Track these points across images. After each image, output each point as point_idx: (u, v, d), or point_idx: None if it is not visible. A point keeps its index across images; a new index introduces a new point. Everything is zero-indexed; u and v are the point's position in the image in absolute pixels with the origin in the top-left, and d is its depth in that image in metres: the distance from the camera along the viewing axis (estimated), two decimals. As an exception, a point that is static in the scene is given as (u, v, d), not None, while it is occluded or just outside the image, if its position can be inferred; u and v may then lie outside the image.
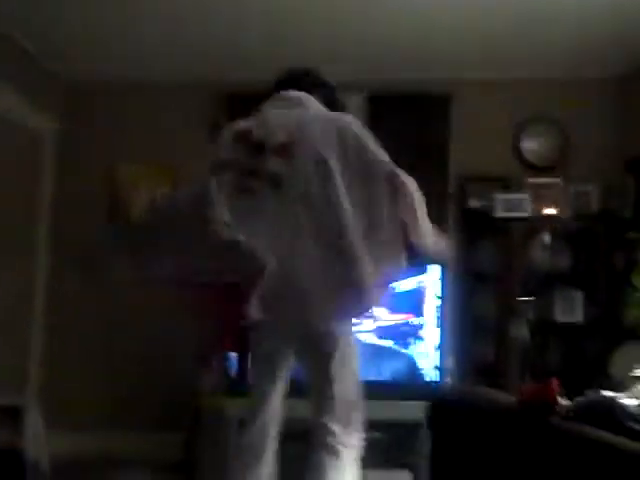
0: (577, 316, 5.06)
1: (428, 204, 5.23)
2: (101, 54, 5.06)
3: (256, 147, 2.70)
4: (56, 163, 5.51)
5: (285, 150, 2.63)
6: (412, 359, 4.77)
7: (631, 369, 3.67)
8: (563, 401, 2.37)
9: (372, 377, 4.58)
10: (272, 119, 2.76)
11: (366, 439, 4.35)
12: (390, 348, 4.78)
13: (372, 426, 4.45)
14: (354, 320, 2.97)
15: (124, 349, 5.29)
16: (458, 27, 4.57)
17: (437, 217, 5.16)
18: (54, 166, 5.50)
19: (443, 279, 4.80)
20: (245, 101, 5.26)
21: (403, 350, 4.77)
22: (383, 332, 4.76)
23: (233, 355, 4.62)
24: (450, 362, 4.97)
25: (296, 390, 2.99)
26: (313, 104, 2.86)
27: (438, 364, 4.75)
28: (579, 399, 2.30)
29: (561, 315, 5.09)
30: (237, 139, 2.78)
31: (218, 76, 5.29)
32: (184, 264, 2.58)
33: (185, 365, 4.98)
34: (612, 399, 2.23)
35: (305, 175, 2.56)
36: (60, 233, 5.38)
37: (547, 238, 5.16)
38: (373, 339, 4.76)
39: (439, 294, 4.74)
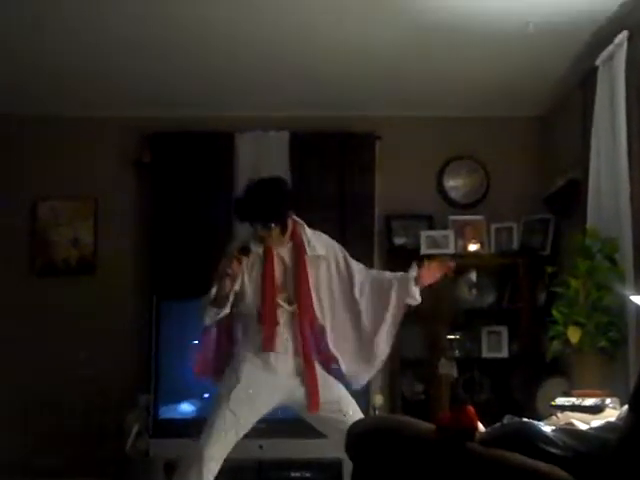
0: (502, 351, 5.14)
1: (354, 241, 5.33)
2: (22, 88, 5.00)
3: None
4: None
5: None
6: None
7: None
8: (481, 428, 2.40)
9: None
10: None
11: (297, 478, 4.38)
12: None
13: (303, 466, 4.47)
14: None
15: (44, 393, 5.13)
16: (383, 66, 4.67)
17: (363, 254, 5.29)
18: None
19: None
20: (167, 139, 5.35)
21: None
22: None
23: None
24: (379, 399, 4.99)
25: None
26: None
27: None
28: (495, 425, 2.33)
29: (487, 351, 5.17)
30: None
31: (140, 113, 5.31)
32: None
33: (110, 408, 4.91)
34: (526, 423, 2.27)
35: None
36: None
37: (472, 275, 5.25)
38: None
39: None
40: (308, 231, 3.60)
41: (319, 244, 3.60)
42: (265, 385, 3.45)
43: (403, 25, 4.12)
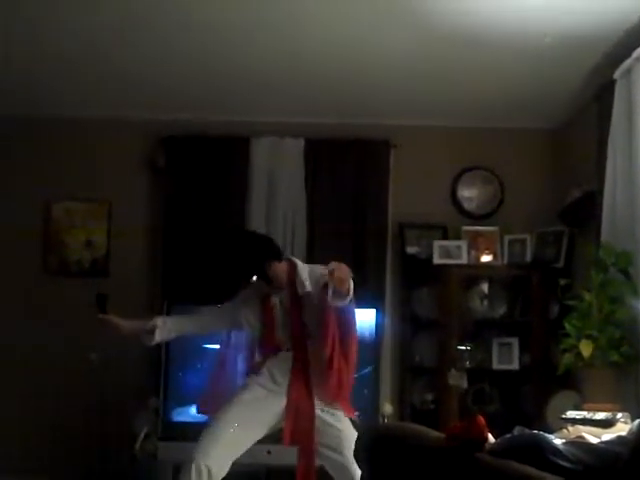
0: (513, 363, 5.11)
1: (367, 249, 5.31)
2: (37, 89, 5.02)
3: None
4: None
5: None
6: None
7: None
8: (491, 438, 2.39)
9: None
10: None
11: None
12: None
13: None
14: None
15: (55, 393, 5.15)
16: (398, 75, 4.68)
17: (376, 262, 5.29)
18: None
19: (377, 323, 4.84)
20: (182, 142, 5.37)
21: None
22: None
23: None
24: (388, 408, 4.98)
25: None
26: None
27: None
28: (505, 436, 2.32)
29: (497, 362, 5.15)
30: None
31: (156, 115, 5.33)
32: None
33: (120, 410, 4.92)
34: (537, 435, 2.25)
35: None
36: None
37: (484, 286, 5.23)
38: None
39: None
40: (300, 268, 3.62)
41: (308, 280, 3.58)
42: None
43: (420, 35, 4.11)
